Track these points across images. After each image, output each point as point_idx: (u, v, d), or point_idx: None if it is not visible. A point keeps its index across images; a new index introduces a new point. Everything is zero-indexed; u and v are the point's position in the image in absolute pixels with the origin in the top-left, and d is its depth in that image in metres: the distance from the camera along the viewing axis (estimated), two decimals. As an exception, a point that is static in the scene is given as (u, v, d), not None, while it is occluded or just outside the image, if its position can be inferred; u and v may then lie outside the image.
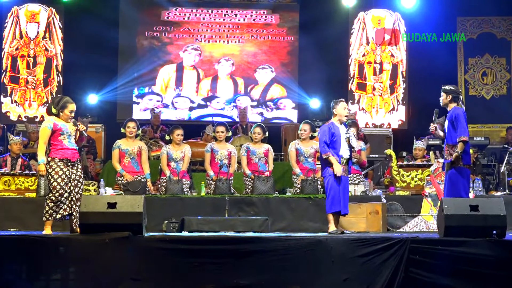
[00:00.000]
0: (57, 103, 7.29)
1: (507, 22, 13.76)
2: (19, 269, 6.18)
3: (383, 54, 13.82)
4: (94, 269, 6.12)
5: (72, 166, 7.22)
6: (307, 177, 9.00)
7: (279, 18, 14.22)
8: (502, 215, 6.43)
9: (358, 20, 13.89)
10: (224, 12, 14.18)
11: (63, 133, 7.22)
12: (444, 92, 7.32)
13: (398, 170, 9.39)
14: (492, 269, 6.18)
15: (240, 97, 14.09)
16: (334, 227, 7.44)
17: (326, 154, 7.40)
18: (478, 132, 12.99)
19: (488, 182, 10.80)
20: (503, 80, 13.72)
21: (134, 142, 9.20)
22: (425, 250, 6.23)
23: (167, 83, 14.04)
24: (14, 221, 8.47)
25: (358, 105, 13.72)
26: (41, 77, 13.52)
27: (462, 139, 7.09)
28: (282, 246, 6.26)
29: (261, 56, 14.19)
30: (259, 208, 8.66)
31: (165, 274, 6.14)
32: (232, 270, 6.16)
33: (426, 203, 8.80)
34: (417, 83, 13.65)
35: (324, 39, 13.70)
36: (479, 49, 13.77)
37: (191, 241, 6.40)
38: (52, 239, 6.47)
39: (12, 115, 13.42)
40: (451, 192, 7.12)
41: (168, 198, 8.74)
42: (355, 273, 6.19)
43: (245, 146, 9.49)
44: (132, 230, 6.25)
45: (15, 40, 13.52)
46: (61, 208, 7.12)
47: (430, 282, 6.16)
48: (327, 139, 7.42)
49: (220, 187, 8.92)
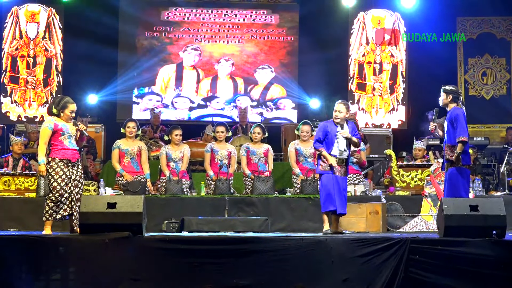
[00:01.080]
0: (57, 103, 7.29)
1: (507, 22, 13.76)
2: (19, 269, 6.17)
3: (383, 54, 13.82)
4: (94, 269, 6.13)
5: (73, 166, 7.22)
6: (306, 177, 9.00)
7: (279, 18, 14.22)
8: (502, 215, 6.44)
9: (358, 20, 13.90)
10: (224, 12, 14.18)
11: (63, 133, 7.22)
12: (444, 92, 7.32)
13: (398, 170, 9.39)
14: (492, 269, 6.19)
15: (240, 97, 14.09)
16: (327, 226, 7.48)
17: (318, 150, 7.50)
18: (478, 132, 12.99)
19: (488, 182, 10.81)
20: (503, 80, 13.72)
21: (134, 142, 9.20)
22: (425, 250, 6.24)
23: (167, 83, 14.04)
24: (14, 221, 8.47)
25: (358, 105, 13.72)
26: (41, 77, 13.52)
27: (461, 140, 7.09)
28: (282, 246, 6.27)
29: (261, 56, 14.19)
30: (259, 208, 8.66)
31: (165, 274, 6.15)
32: (232, 270, 6.16)
33: (426, 203, 8.80)
34: (417, 83, 13.65)
35: (324, 39, 13.72)
36: (479, 49, 13.77)
37: (191, 241, 6.40)
38: (52, 239, 6.47)
39: (12, 115, 13.42)
40: (451, 192, 7.11)
41: (168, 198, 8.74)
42: (355, 273, 6.20)
43: (244, 146, 9.49)
44: (132, 230, 6.25)
45: (15, 40, 13.52)
46: (61, 208, 7.12)
47: (430, 282, 6.17)
48: (320, 136, 7.53)
49: (220, 187, 8.92)
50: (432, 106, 7.67)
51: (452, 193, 7.09)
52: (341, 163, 7.48)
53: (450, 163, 7.19)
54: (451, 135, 7.23)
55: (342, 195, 7.47)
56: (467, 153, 7.22)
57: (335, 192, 7.41)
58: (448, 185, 7.19)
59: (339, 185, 7.44)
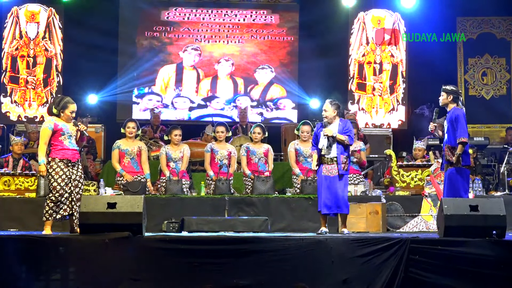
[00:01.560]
0: (57, 103, 7.29)
1: (507, 22, 13.75)
2: (19, 269, 6.17)
3: (383, 54, 13.82)
4: (94, 269, 6.13)
5: (73, 166, 7.22)
6: (306, 177, 9.00)
7: (279, 18, 14.22)
8: (502, 215, 6.44)
9: (358, 20, 13.89)
10: (224, 12, 14.18)
11: (63, 133, 7.22)
12: (444, 92, 7.31)
13: (398, 170, 9.39)
14: (492, 269, 6.19)
15: (240, 97, 14.09)
16: (322, 226, 7.50)
17: (311, 152, 7.69)
18: (478, 132, 12.99)
19: (488, 182, 10.81)
20: (503, 80, 13.72)
21: (134, 142, 9.20)
22: (425, 250, 6.24)
23: (167, 83, 14.04)
24: (14, 221, 8.47)
25: (358, 105, 13.72)
26: (41, 77, 13.51)
27: (461, 140, 7.08)
28: (282, 246, 6.27)
29: (261, 56, 14.19)
30: (259, 208, 8.66)
31: (165, 274, 6.15)
32: (232, 270, 6.17)
33: (426, 203, 8.80)
34: (417, 83, 13.64)
35: (324, 39, 13.71)
36: (479, 49, 13.77)
37: (191, 241, 6.40)
38: (52, 239, 6.48)
39: (12, 115, 13.42)
40: (450, 193, 7.11)
41: (168, 198, 8.74)
42: (355, 273, 6.20)
43: (245, 146, 9.49)
44: (132, 230, 6.26)
45: (15, 40, 13.51)
46: (61, 208, 7.12)
47: (430, 282, 6.17)
48: (313, 138, 7.68)
49: (220, 187, 8.93)
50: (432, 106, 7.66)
51: (451, 193, 7.09)
52: (330, 162, 7.47)
53: (450, 163, 7.18)
54: (451, 136, 7.22)
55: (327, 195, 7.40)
56: (467, 154, 7.22)
57: (322, 192, 7.44)
58: (448, 185, 7.19)
59: (327, 185, 7.42)
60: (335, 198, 7.42)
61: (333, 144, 7.46)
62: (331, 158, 7.46)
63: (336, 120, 7.57)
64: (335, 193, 7.42)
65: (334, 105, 7.59)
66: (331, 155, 7.46)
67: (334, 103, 7.62)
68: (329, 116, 7.55)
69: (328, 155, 7.46)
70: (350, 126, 7.61)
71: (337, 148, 7.47)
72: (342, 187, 7.46)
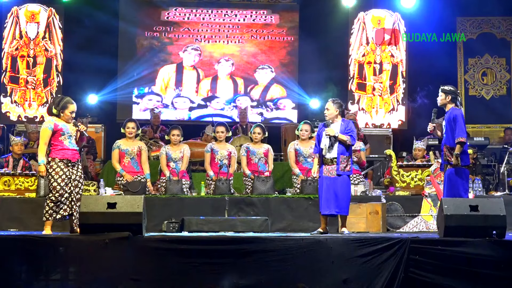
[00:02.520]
0: (57, 103, 7.29)
1: (507, 22, 13.76)
2: (19, 269, 6.18)
3: (383, 54, 13.82)
4: (94, 269, 6.12)
5: (73, 166, 7.22)
6: (306, 177, 9.00)
7: (279, 18, 14.22)
8: (502, 215, 6.44)
9: (358, 20, 13.90)
10: (224, 12, 14.18)
11: (63, 133, 7.22)
12: (443, 92, 7.30)
13: (398, 170, 9.39)
14: (492, 269, 6.19)
15: (240, 97, 14.09)
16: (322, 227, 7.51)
17: (313, 155, 7.68)
18: (478, 132, 12.99)
19: (488, 182, 10.81)
20: (503, 80, 13.72)
21: (134, 142, 9.21)
22: (425, 250, 6.24)
23: (167, 83, 14.04)
24: (14, 221, 8.48)
25: (358, 105, 13.72)
26: (41, 77, 13.52)
27: (460, 140, 7.08)
28: (282, 246, 6.26)
29: (261, 56, 14.19)
30: (259, 208, 8.67)
31: (165, 274, 6.14)
32: (232, 270, 6.16)
33: (426, 203, 8.80)
34: (417, 83, 13.64)
35: (324, 39, 13.72)
36: (479, 49, 13.77)
37: (191, 241, 6.40)
38: (52, 239, 6.47)
39: (12, 115, 13.42)
40: (450, 193, 7.11)
41: (168, 198, 8.74)
42: (355, 273, 6.20)
43: (245, 146, 9.49)
44: (132, 230, 6.25)
45: (15, 40, 13.52)
46: (61, 209, 7.12)
47: (430, 282, 6.17)
48: (316, 140, 7.65)
49: (220, 187, 8.93)
50: (432, 106, 7.66)
51: (451, 193, 7.09)
52: (330, 163, 7.47)
53: (449, 163, 7.18)
54: (449, 136, 7.21)
55: (326, 196, 7.39)
56: (466, 154, 7.22)
57: (322, 193, 7.44)
58: (448, 185, 7.19)
59: (327, 186, 7.41)
60: (334, 199, 7.41)
61: (335, 144, 7.46)
62: (331, 159, 7.45)
63: (338, 120, 7.55)
64: (334, 194, 7.41)
65: (336, 104, 7.57)
66: (331, 156, 7.46)
67: (336, 102, 7.59)
68: (331, 115, 7.53)
69: (329, 156, 7.46)
70: (352, 126, 7.59)
71: (338, 148, 7.47)
72: (342, 188, 7.44)
